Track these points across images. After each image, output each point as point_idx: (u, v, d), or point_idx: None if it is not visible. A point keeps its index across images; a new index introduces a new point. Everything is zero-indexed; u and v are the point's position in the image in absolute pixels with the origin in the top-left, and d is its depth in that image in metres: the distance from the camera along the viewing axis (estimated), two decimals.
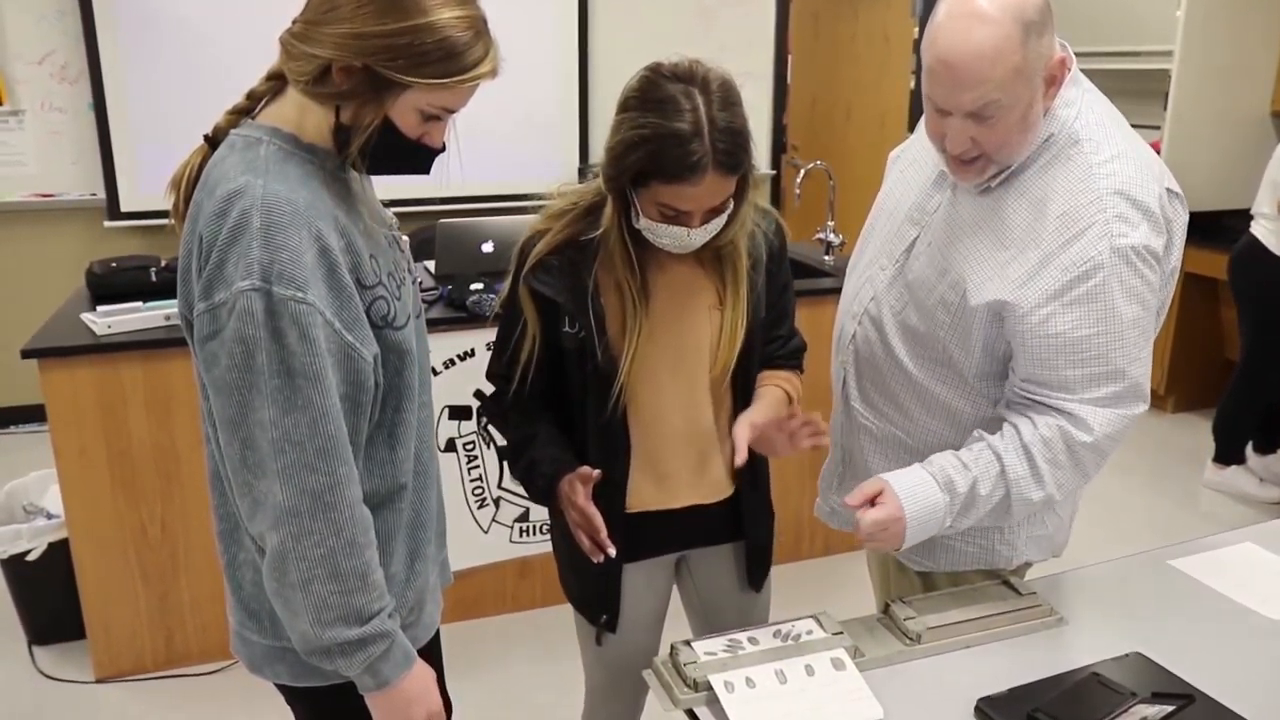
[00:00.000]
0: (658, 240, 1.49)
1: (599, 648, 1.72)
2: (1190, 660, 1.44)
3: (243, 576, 1.32)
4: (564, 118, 5.12)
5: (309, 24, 1.18)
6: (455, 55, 1.17)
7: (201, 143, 1.30)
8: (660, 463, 1.64)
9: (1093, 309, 1.41)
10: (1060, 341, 1.42)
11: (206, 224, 1.16)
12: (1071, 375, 1.44)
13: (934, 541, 1.64)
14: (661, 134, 1.37)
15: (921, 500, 1.46)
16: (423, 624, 1.44)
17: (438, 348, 2.77)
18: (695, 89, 1.40)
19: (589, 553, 1.55)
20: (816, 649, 1.44)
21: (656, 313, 1.57)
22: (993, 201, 1.50)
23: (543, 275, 1.55)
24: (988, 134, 1.40)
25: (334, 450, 1.18)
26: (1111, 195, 1.41)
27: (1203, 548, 1.81)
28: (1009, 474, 1.46)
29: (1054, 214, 1.43)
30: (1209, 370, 4.79)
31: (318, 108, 1.22)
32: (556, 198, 1.60)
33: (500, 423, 1.70)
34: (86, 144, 4.44)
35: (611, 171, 1.45)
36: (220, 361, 1.15)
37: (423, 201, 4.71)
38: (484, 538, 3.00)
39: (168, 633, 2.81)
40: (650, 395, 1.60)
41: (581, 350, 1.55)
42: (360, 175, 1.34)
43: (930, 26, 1.40)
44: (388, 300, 1.27)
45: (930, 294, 1.55)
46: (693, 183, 1.39)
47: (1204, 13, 4.45)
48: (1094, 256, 1.40)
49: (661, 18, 5.18)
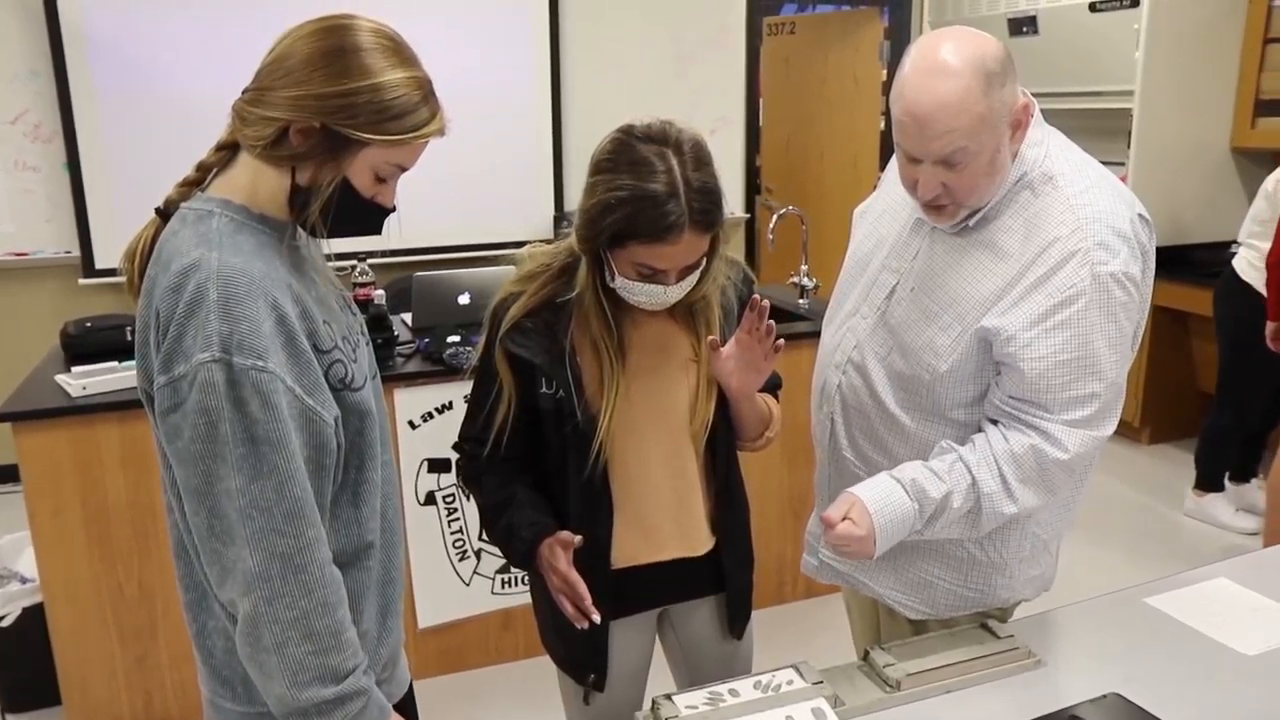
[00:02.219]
0: (634, 299, 1.51)
1: (586, 706, 1.71)
2: (1168, 700, 1.45)
3: (213, 645, 1.32)
4: (538, 165, 5.17)
5: (262, 90, 1.20)
6: (409, 113, 1.20)
7: (153, 215, 1.30)
8: (645, 517, 1.64)
9: (1075, 334, 1.47)
10: (1043, 365, 1.47)
11: (162, 299, 1.17)
12: (1052, 398, 1.49)
13: (934, 586, 1.68)
14: (638, 196, 1.39)
15: (891, 511, 1.49)
16: (396, 679, 1.45)
17: (415, 401, 2.78)
18: (669, 150, 1.42)
19: (573, 618, 1.54)
20: (797, 699, 1.44)
21: (633, 369, 1.58)
22: (973, 241, 1.56)
23: (518, 338, 1.55)
24: (957, 179, 1.46)
25: (301, 513, 1.19)
26: (1091, 224, 1.47)
27: (1178, 584, 1.82)
28: (981, 488, 1.50)
29: (1036, 245, 1.49)
30: (1183, 402, 4.84)
31: (272, 174, 1.23)
32: (527, 260, 1.61)
33: (475, 487, 1.69)
34: (60, 202, 4.44)
35: (587, 233, 1.46)
36: (183, 433, 1.16)
37: (397, 253, 4.72)
38: (466, 590, 2.99)
39: (146, 694, 2.77)
40: (631, 451, 1.60)
41: (559, 411, 1.56)
42: (309, 242, 1.36)
43: (897, 80, 1.47)
44: (344, 363, 1.29)
45: (917, 336, 1.58)
46: (670, 242, 1.41)
47: (1162, 52, 4.56)
48: (1076, 284, 1.46)
49: (635, 65, 5.25)
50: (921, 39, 1.50)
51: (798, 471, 3.35)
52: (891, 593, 1.73)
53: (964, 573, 1.67)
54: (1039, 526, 1.67)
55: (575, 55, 5.16)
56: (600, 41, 5.19)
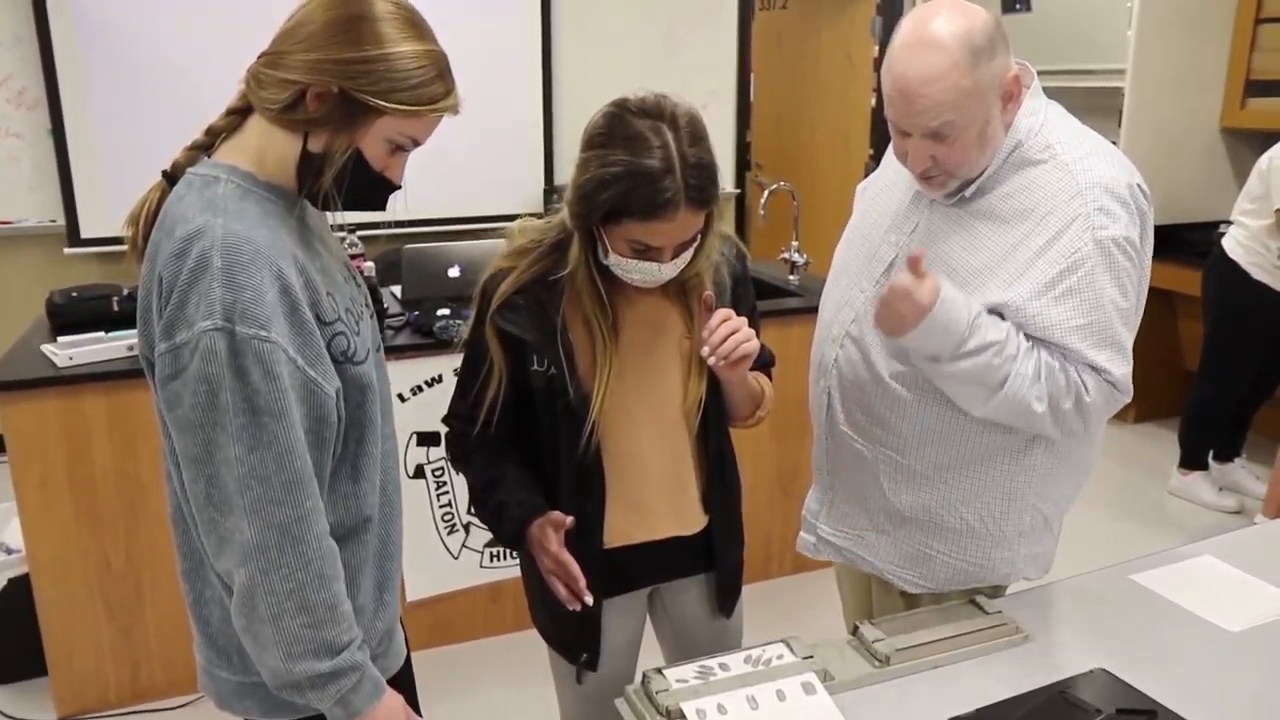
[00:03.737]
0: (628, 276, 1.49)
1: (579, 685, 1.71)
2: (1153, 674, 1.46)
3: (209, 614, 1.32)
4: (529, 140, 5.13)
5: (279, 53, 1.19)
6: (427, 84, 1.20)
7: (159, 178, 1.29)
8: (637, 496, 1.63)
9: (1085, 299, 1.48)
10: (1059, 333, 1.49)
11: (166, 264, 1.16)
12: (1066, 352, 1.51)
13: (932, 560, 1.69)
14: (633, 171, 1.37)
15: (949, 310, 1.45)
16: (392, 653, 1.44)
17: (405, 374, 2.77)
18: (664, 124, 1.39)
19: (565, 600, 1.53)
20: (787, 673, 1.44)
21: (626, 347, 1.57)
22: (973, 211, 1.57)
23: (509, 314, 1.53)
24: (946, 152, 1.49)
25: (300, 485, 1.18)
26: (1090, 190, 1.48)
27: (1164, 561, 1.84)
28: (1015, 372, 1.48)
29: (1036, 213, 1.51)
30: (1169, 381, 4.87)
31: (282, 140, 1.22)
32: (518, 234, 1.59)
33: (464, 465, 1.67)
34: (45, 170, 4.39)
35: (581, 209, 1.44)
36: (184, 401, 1.15)
37: (387, 225, 4.69)
38: (454, 563, 2.99)
39: (133, 667, 2.77)
40: (624, 430, 1.59)
41: (551, 388, 1.54)
42: (315, 213, 1.35)
43: (888, 54, 1.48)
44: (347, 336, 1.28)
45: None
46: (666, 219, 1.39)
47: (1154, 31, 4.55)
48: (1079, 249, 1.47)
49: (626, 40, 5.21)
50: (913, 12, 1.50)
51: (787, 447, 3.35)
52: (890, 566, 1.74)
53: (962, 545, 1.68)
54: (1041, 500, 1.67)
55: (566, 29, 5.12)
56: (592, 16, 5.14)
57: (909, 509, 1.68)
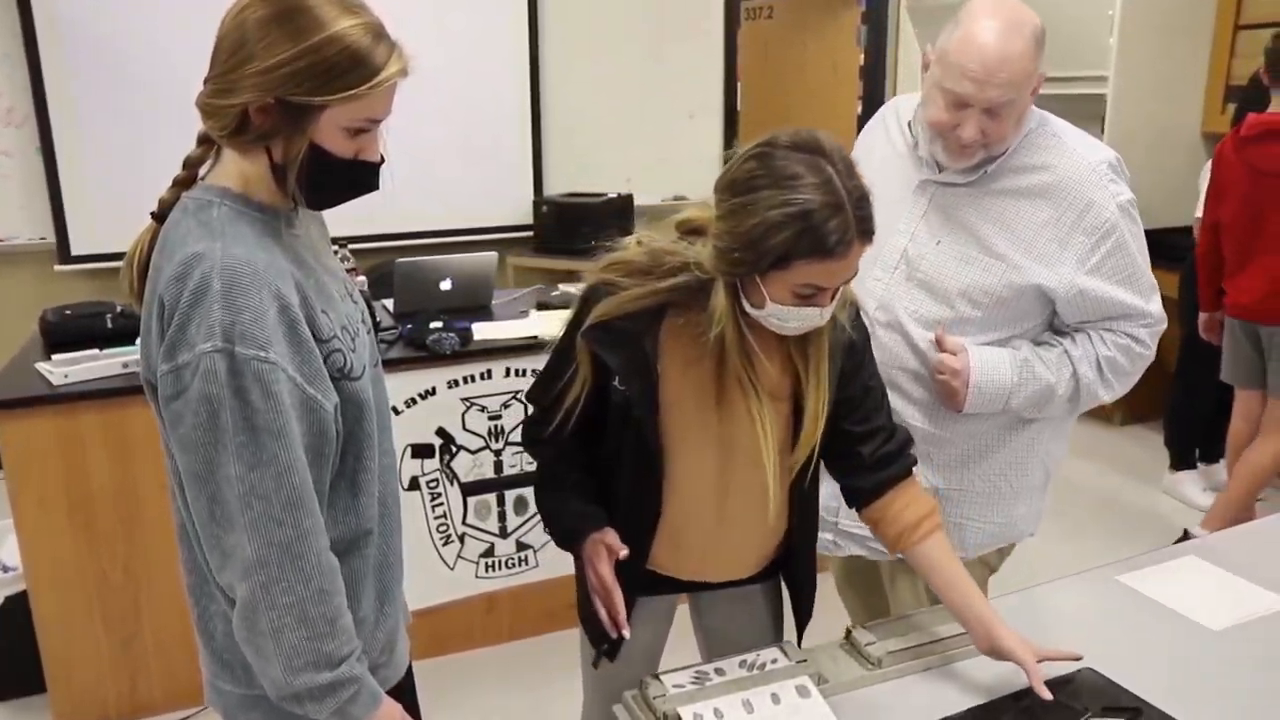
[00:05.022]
0: (784, 325, 1.39)
1: (595, 671, 1.71)
2: (1138, 673, 1.50)
3: (214, 628, 1.34)
4: (518, 151, 5.16)
5: (217, 78, 1.20)
6: (360, 63, 1.18)
7: (149, 220, 1.31)
8: (684, 541, 1.61)
9: (1124, 260, 1.72)
10: (1108, 293, 1.72)
11: (166, 287, 1.18)
12: (1125, 313, 1.76)
13: (965, 527, 1.87)
14: (809, 210, 1.29)
15: (991, 374, 1.72)
16: (395, 663, 1.46)
17: (398, 387, 2.79)
18: (822, 159, 1.32)
19: (604, 623, 1.55)
20: (781, 678, 1.47)
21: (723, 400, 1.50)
22: (991, 191, 1.74)
23: (603, 336, 1.46)
24: (995, 126, 1.65)
25: (300, 502, 1.21)
26: (1099, 165, 1.71)
27: (1149, 562, 1.87)
28: (1080, 379, 1.76)
29: (1061, 189, 1.70)
30: (1154, 383, 4.87)
31: (251, 160, 1.24)
32: (634, 246, 1.49)
33: (533, 451, 1.67)
34: (35, 188, 4.40)
35: (748, 257, 1.33)
36: (185, 420, 1.17)
37: (378, 238, 4.72)
38: (449, 574, 3.01)
39: (132, 680, 2.78)
40: (690, 474, 1.56)
41: (627, 408, 1.50)
42: (313, 228, 1.37)
43: (962, 32, 1.63)
44: (343, 353, 1.30)
45: (955, 283, 1.75)
46: (840, 257, 1.32)
47: (1136, 38, 4.62)
48: (1108, 218, 1.69)
49: (613, 50, 5.25)
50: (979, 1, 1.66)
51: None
52: None
53: (991, 508, 1.86)
54: (1048, 457, 1.89)
55: (553, 41, 5.16)
56: (579, 28, 5.18)
57: (943, 484, 1.83)
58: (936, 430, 1.81)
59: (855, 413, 1.56)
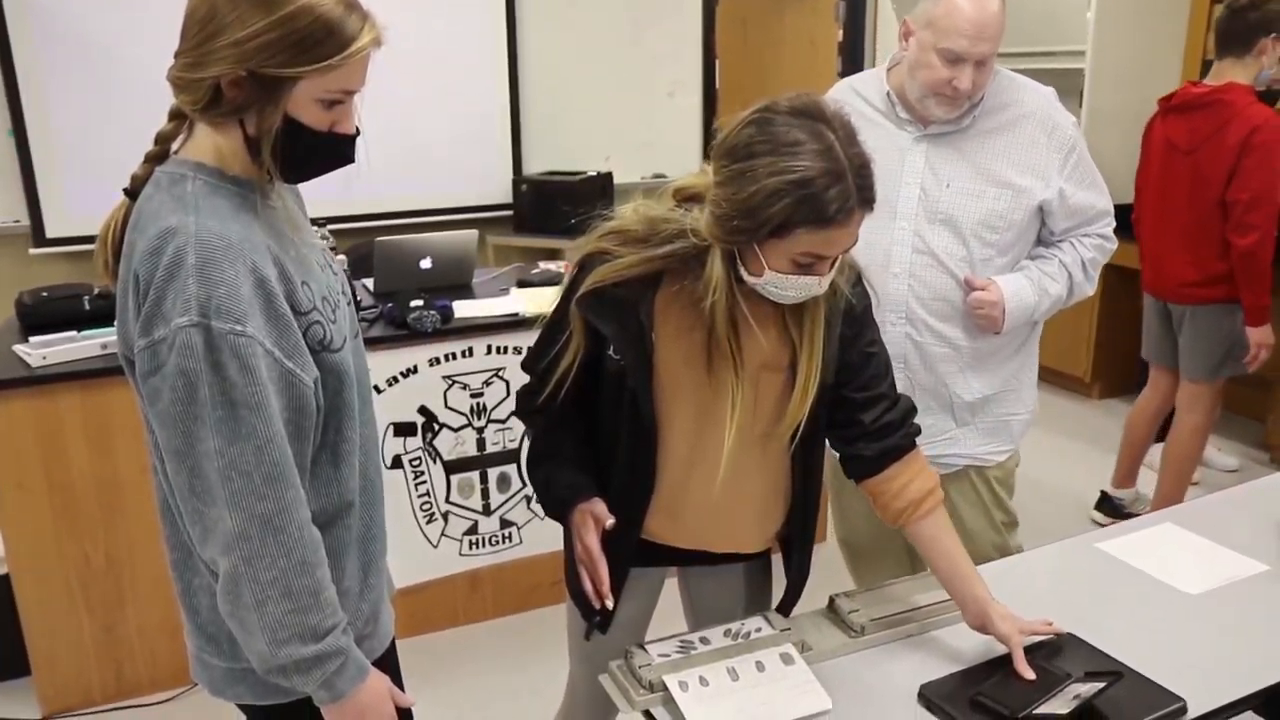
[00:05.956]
0: (782, 294, 1.39)
1: (586, 643, 1.71)
2: (1119, 639, 1.52)
3: (199, 603, 1.34)
4: (496, 130, 5.14)
5: (188, 52, 1.19)
6: (333, 34, 1.17)
7: (122, 197, 1.30)
8: (680, 510, 1.60)
9: (1087, 169, 2.04)
10: (1083, 196, 2.04)
11: (141, 262, 1.17)
12: (1095, 214, 2.07)
13: (1009, 423, 2.16)
14: (810, 177, 1.27)
15: (1019, 301, 2.00)
16: (379, 635, 1.47)
17: (379, 366, 2.78)
18: (822, 125, 1.30)
19: (588, 594, 1.55)
20: (766, 645, 1.49)
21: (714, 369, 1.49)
22: (976, 131, 2.00)
23: (596, 304, 1.46)
24: (981, 77, 1.92)
25: (280, 476, 1.20)
26: (1049, 96, 2.03)
27: (1128, 530, 1.90)
28: (1074, 280, 2.08)
29: (1031, 118, 2.00)
30: (1131, 358, 4.94)
31: (225, 134, 1.23)
32: (631, 214, 1.48)
33: (527, 421, 1.66)
34: (7, 170, 4.34)
35: (746, 225, 1.31)
36: (163, 396, 1.17)
37: (357, 218, 4.69)
38: (433, 552, 3.01)
39: (116, 664, 2.77)
40: (686, 444, 1.55)
41: (622, 377, 1.50)
42: (289, 200, 1.35)
43: (944, 5, 1.86)
44: (323, 325, 1.29)
45: (972, 214, 1.98)
46: (841, 225, 1.30)
47: (1113, 13, 4.62)
48: (1070, 133, 2.01)
49: (591, 27, 5.22)
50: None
51: None
52: (979, 450, 2.14)
53: (1022, 401, 2.16)
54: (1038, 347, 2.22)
55: (531, 18, 5.12)
56: (556, 6, 5.14)
57: (987, 389, 2.09)
58: (982, 345, 2.07)
59: (856, 379, 1.54)
